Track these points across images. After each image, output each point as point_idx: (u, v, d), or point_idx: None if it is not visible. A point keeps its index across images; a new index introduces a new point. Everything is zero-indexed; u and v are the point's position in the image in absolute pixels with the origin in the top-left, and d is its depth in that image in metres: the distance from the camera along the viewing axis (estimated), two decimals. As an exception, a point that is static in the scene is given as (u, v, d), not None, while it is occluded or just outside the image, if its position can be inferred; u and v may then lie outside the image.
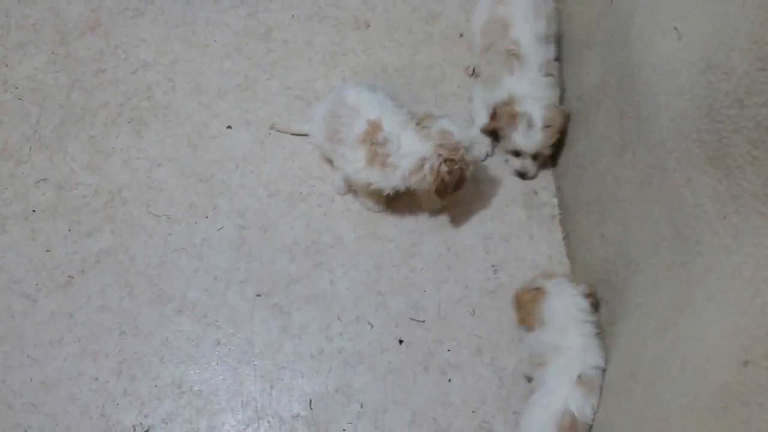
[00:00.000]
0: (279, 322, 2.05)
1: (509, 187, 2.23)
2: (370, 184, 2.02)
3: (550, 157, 2.22)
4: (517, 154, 2.18)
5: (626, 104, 1.74)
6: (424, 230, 2.17)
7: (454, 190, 2.00)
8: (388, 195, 2.06)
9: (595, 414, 1.68)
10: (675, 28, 1.45)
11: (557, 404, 1.66)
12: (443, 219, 2.18)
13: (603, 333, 1.80)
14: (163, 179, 2.26)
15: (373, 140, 1.97)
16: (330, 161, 2.19)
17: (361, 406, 1.94)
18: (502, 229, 2.17)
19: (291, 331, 2.03)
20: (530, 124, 2.07)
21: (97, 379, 1.98)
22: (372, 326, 2.04)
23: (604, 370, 1.72)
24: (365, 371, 1.98)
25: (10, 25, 2.54)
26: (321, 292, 2.08)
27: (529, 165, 2.19)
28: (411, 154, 1.95)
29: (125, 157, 2.29)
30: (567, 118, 2.12)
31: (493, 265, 2.12)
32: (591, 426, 1.67)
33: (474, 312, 2.05)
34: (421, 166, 1.94)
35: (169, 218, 2.20)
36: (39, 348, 2.02)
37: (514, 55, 2.10)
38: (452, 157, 1.92)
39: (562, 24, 2.23)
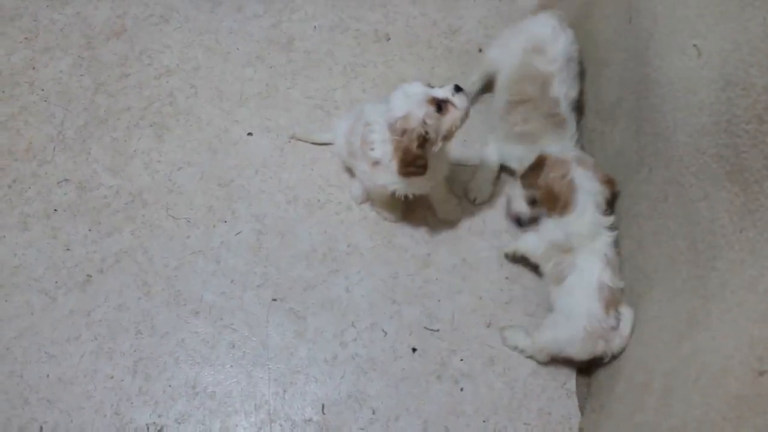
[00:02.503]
0: (294, 327, 2.07)
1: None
2: (385, 186, 1.99)
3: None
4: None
5: (643, 120, 1.76)
6: (440, 241, 2.19)
7: (413, 165, 1.87)
8: (406, 198, 2.04)
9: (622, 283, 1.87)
10: (694, 46, 1.47)
11: (593, 280, 1.84)
12: (459, 230, 2.21)
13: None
14: (183, 183, 2.29)
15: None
16: (350, 171, 2.23)
17: (373, 413, 1.95)
18: (517, 242, 2.19)
19: (306, 336, 2.05)
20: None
21: (112, 377, 2.00)
22: (386, 334, 2.05)
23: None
24: (378, 378, 1.99)
25: (38, 29, 2.60)
26: (336, 299, 2.10)
27: None
28: (379, 147, 1.91)
29: (146, 160, 2.33)
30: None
31: (507, 277, 2.13)
32: (622, 289, 1.86)
33: (487, 323, 2.07)
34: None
35: (188, 221, 2.23)
36: (56, 345, 2.04)
37: (559, 118, 2.06)
38: (394, 136, 1.86)
39: (581, 43, 2.25)
